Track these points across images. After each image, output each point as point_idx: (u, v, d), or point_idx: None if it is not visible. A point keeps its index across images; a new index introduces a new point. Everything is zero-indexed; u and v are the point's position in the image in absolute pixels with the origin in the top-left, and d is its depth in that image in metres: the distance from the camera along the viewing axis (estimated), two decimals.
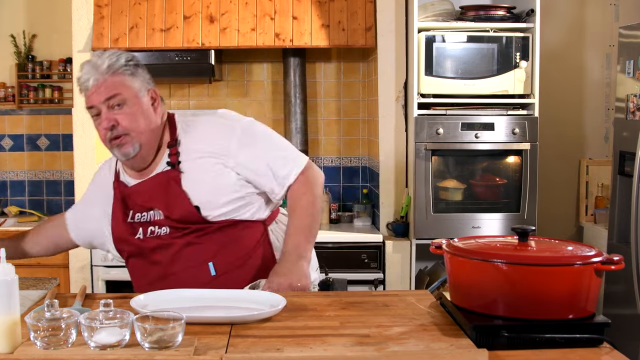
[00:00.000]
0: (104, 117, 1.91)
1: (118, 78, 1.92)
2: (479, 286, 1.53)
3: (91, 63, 1.93)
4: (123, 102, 1.91)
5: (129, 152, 1.93)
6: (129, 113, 1.92)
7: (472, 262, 1.54)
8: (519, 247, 1.58)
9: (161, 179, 1.97)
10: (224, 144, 1.98)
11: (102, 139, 1.95)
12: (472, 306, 1.55)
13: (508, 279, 1.49)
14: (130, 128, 1.92)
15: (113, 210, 2.03)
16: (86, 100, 1.94)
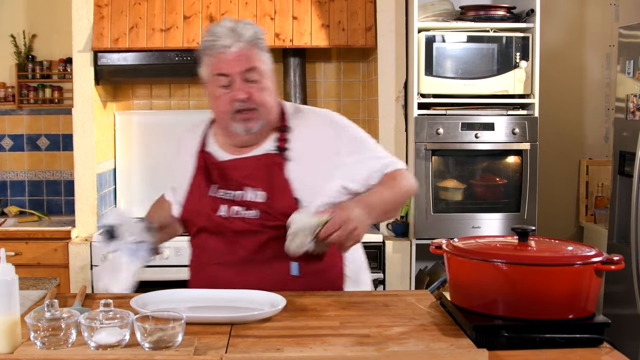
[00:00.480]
0: (238, 88, 1.84)
1: (256, 51, 1.86)
2: (479, 286, 1.53)
3: (229, 28, 1.86)
4: (260, 76, 1.86)
5: (252, 127, 1.88)
6: (262, 88, 1.86)
7: (472, 262, 1.54)
8: (519, 247, 1.58)
9: (265, 160, 1.91)
10: (333, 146, 1.93)
11: (224, 109, 1.88)
12: (472, 306, 1.55)
13: (508, 279, 1.49)
14: (261, 103, 1.86)
15: (193, 181, 1.96)
16: (217, 66, 1.87)
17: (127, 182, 4.03)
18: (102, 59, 3.58)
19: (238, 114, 1.86)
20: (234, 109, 1.86)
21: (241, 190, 1.91)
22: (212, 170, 1.95)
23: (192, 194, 1.97)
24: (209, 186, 1.94)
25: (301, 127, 1.96)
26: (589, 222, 4.06)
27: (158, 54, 3.59)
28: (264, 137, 1.94)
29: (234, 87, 1.85)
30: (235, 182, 1.91)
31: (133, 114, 4.05)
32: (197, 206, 1.94)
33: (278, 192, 1.88)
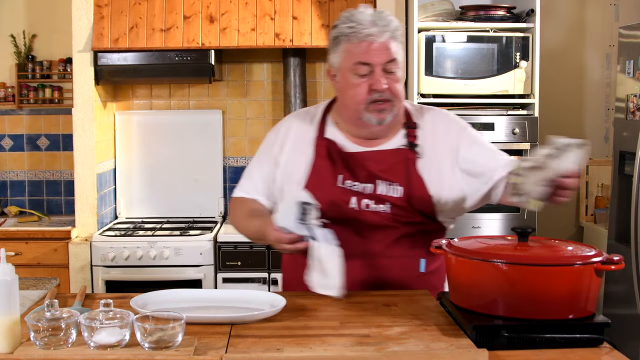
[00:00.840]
0: (378, 78, 1.82)
1: (396, 43, 1.86)
2: (479, 286, 1.53)
3: (371, 16, 1.84)
4: (397, 68, 1.86)
5: (385, 118, 1.87)
6: (397, 80, 1.86)
7: (472, 262, 1.54)
8: (518, 247, 1.58)
9: (400, 155, 1.91)
10: (455, 141, 1.94)
11: (359, 98, 1.85)
12: (472, 306, 1.55)
13: (508, 279, 1.49)
14: (396, 96, 1.86)
15: (316, 169, 1.92)
16: (359, 54, 1.83)
17: (127, 182, 4.03)
18: (102, 59, 3.58)
19: (373, 104, 1.85)
20: (370, 99, 1.85)
21: (371, 183, 1.89)
22: (336, 160, 1.92)
23: (319, 183, 1.90)
24: (336, 176, 1.91)
25: (427, 125, 1.96)
26: (589, 222, 4.06)
27: (158, 54, 3.59)
28: (391, 131, 1.94)
29: (374, 76, 1.83)
30: (366, 174, 1.89)
31: (133, 114, 4.05)
32: (329, 196, 1.88)
33: (414, 187, 1.88)
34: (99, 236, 3.50)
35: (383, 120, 1.86)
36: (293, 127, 2.02)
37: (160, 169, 4.03)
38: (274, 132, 2.05)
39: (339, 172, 1.91)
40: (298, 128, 2.00)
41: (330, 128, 1.97)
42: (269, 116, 4.11)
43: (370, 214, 1.88)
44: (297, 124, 2.02)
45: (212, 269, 3.47)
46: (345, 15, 1.88)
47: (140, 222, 3.87)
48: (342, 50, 1.86)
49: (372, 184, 1.89)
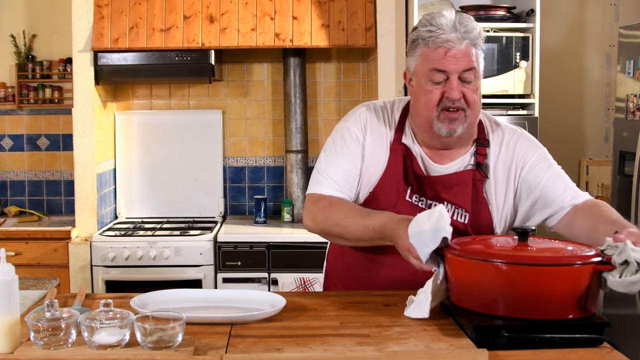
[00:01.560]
0: (453, 86, 1.74)
1: (476, 50, 1.77)
2: (479, 286, 1.53)
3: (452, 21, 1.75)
4: (474, 77, 1.77)
5: (457, 129, 1.77)
6: (474, 90, 1.77)
7: (472, 262, 1.54)
8: (518, 247, 1.58)
9: (468, 177, 1.83)
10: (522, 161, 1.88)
11: (432, 105, 1.76)
12: (472, 306, 1.55)
13: (508, 279, 1.49)
14: (472, 104, 1.77)
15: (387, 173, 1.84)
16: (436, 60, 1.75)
17: (127, 182, 4.03)
18: (102, 59, 3.58)
19: (444, 112, 1.77)
20: (442, 107, 1.76)
21: (437, 201, 1.82)
22: (409, 170, 1.85)
23: (387, 189, 1.84)
24: (405, 188, 1.84)
25: (497, 143, 1.88)
26: None
27: (158, 54, 3.59)
28: (464, 143, 1.85)
29: (449, 84, 1.75)
30: (432, 192, 1.83)
31: (133, 114, 4.05)
32: (394, 208, 1.81)
33: (481, 214, 1.82)
34: (99, 236, 3.50)
35: (454, 131, 1.78)
36: (372, 120, 1.90)
37: (160, 169, 4.03)
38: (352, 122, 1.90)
39: (409, 184, 1.84)
40: (377, 123, 1.90)
41: (407, 132, 1.89)
42: (269, 116, 4.11)
43: None
44: (374, 118, 1.90)
45: (212, 269, 3.47)
46: (426, 18, 1.79)
47: (140, 222, 3.87)
48: (419, 54, 1.79)
49: (439, 202, 1.82)
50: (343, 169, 1.87)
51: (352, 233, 1.78)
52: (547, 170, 1.91)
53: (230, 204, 4.13)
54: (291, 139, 3.92)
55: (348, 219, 1.78)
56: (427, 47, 1.76)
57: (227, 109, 4.09)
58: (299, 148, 3.94)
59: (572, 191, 1.88)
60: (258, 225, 3.80)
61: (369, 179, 1.87)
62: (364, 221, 1.75)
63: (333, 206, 1.83)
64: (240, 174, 4.13)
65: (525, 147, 1.92)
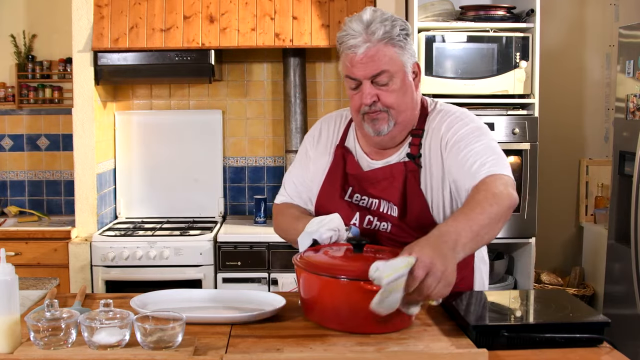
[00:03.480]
0: (366, 92, 1.74)
1: (389, 50, 1.72)
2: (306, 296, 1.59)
3: (363, 23, 1.74)
4: (390, 79, 1.74)
5: (382, 129, 1.77)
6: (393, 90, 1.75)
7: (300, 271, 1.58)
8: (341, 258, 1.60)
9: (399, 169, 1.80)
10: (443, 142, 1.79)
11: (355, 109, 1.79)
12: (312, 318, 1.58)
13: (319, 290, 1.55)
14: (391, 106, 1.75)
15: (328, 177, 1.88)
16: (347, 68, 1.75)
17: (127, 182, 4.03)
18: (102, 59, 3.58)
19: (367, 115, 1.78)
20: (362, 111, 1.78)
21: (377, 199, 1.82)
22: (349, 172, 1.87)
23: (327, 192, 1.87)
24: (346, 188, 1.85)
25: (429, 129, 1.83)
26: (589, 222, 4.06)
27: (158, 54, 3.59)
28: (402, 139, 1.83)
29: (362, 89, 1.75)
30: (372, 190, 1.83)
31: (133, 114, 4.05)
32: (330, 208, 1.83)
33: (413, 205, 1.78)
34: (99, 236, 3.50)
35: (379, 131, 1.78)
36: (324, 129, 1.97)
37: (160, 169, 4.03)
38: (309, 134, 2.01)
39: (350, 184, 1.85)
40: (327, 130, 1.96)
41: (351, 136, 1.92)
42: (269, 116, 4.11)
43: (371, 231, 1.81)
44: (326, 126, 1.97)
45: (212, 269, 3.47)
46: (346, 19, 1.80)
47: (140, 222, 3.87)
48: (341, 58, 1.80)
49: (378, 200, 1.82)
50: (294, 179, 1.99)
51: (293, 238, 1.85)
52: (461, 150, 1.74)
53: (230, 204, 4.13)
54: (291, 139, 3.92)
55: (288, 225, 1.91)
56: (342, 52, 1.78)
57: (227, 109, 4.09)
58: (299, 148, 3.93)
59: (474, 172, 1.69)
60: (258, 225, 3.80)
61: (317, 185, 1.92)
62: (295, 226, 1.84)
63: (281, 215, 1.97)
64: (240, 174, 4.13)
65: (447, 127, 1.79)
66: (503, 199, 1.59)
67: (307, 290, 1.57)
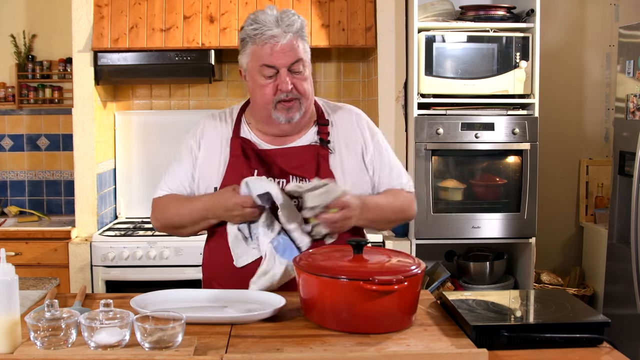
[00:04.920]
0: (283, 79, 1.87)
1: (300, 41, 1.91)
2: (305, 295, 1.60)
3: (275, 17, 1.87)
4: (303, 67, 1.91)
5: (294, 116, 1.92)
6: (304, 79, 1.92)
7: (301, 273, 1.59)
8: (342, 258, 1.61)
9: (311, 151, 1.96)
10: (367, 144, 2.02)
11: (267, 99, 1.90)
12: (311, 318, 1.59)
13: (318, 289, 1.55)
14: (303, 94, 1.91)
15: (230, 168, 1.95)
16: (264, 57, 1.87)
17: (127, 182, 4.03)
18: (102, 59, 3.58)
19: (280, 103, 1.90)
20: (277, 99, 1.90)
21: (284, 178, 1.93)
22: (251, 157, 1.96)
23: (233, 177, 1.94)
24: (251, 172, 1.93)
25: (339, 121, 2.04)
26: (589, 222, 4.06)
27: (158, 54, 3.59)
28: (302, 128, 1.99)
29: (279, 78, 1.88)
30: (279, 170, 1.93)
31: (133, 114, 4.05)
32: None
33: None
34: (99, 236, 3.50)
35: (291, 118, 1.92)
36: (208, 127, 2.05)
37: (161, 169, 3.99)
38: (191, 134, 2.07)
39: (254, 168, 1.94)
40: (213, 128, 2.04)
41: (244, 127, 2.01)
42: None
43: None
44: (211, 124, 2.05)
45: None
46: (250, 16, 1.92)
47: (140, 222, 3.87)
48: (249, 52, 1.91)
49: (286, 179, 1.93)
50: (176, 175, 2.05)
51: (185, 219, 1.97)
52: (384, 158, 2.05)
53: None
54: None
55: (180, 208, 1.98)
56: (255, 44, 1.88)
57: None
58: None
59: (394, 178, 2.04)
60: None
61: (210, 179, 1.98)
62: (190, 205, 1.95)
63: (166, 202, 2.04)
64: None
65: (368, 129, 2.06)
66: (405, 214, 2.04)
67: (307, 291, 1.57)
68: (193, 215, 1.95)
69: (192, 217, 1.96)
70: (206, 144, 2.02)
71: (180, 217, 1.99)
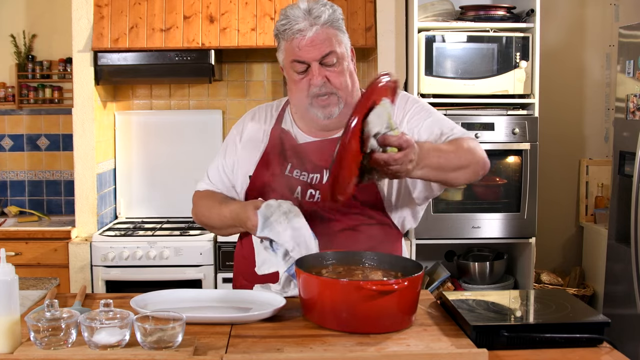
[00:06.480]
0: (316, 73, 1.79)
1: (333, 32, 1.81)
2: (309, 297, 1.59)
3: (304, 9, 1.79)
4: (337, 60, 1.81)
5: (333, 112, 1.83)
6: (340, 71, 1.82)
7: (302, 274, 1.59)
8: None
9: None
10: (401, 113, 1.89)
11: (302, 95, 1.84)
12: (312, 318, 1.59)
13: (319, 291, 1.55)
14: (340, 87, 1.82)
15: (264, 157, 1.91)
16: (293, 52, 1.80)
17: (127, 182, 4.03)
18: (102, 59, 3.58)
19: (316, 99, 1.82)
20: (311, 94, 1.82)
21: (318, 173, 1.86)
22: (287, 149, 1.90)
23: (266, 170, 1.90)
24: (285, 165, 1.88)
25: None
26: (589, 222, 4.06)
27: (158, 54, 3.59)
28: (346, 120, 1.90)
29: (311, 72, 1.81)
30: (311, 164, 1.87)
31: (133, 114, 4.05)
32: (272, 183, 1.87)
33: None
34: (99, 236, 3.50)
35: (330, 114, 1.84)
36: (253, 118, 2.03)
37: (160, 169, 4.03)
38: (236, 125, 2.07)
39: (289, 161, 1.89)
40: (258, 119, 2.02)
41: (287, 119, 1.97)
42: None
43: (311, 204, 1.84)
44: (257, 115, 2.03)
45: (212, 269, 3.47)
46: (282, 11, 1.85)
47: (140, 222, 3.87)
48: (282, 48, 1.85)
49: (319, 174, 1.86)
50: (219, 167, 2.03)
51: (215, 223, 1.95)
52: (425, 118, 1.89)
53: None
54: None
55: (211, 210, 1.96)
56: (285, 40, 1.82)
57: (227, 109, 4.09)
58: None
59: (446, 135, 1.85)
60: None
61: (245, 166, 1.94)
62: (220, 210, 1.91)
63: (202, 199, 2.01)
64: None
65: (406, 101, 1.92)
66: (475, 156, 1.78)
67: (307, 291, 1.57)
68: (222, 220, 1.91)
69: (222, 222, 1.92)
70: (248, 133, 1.99)
71: (210, 220, 1.97)
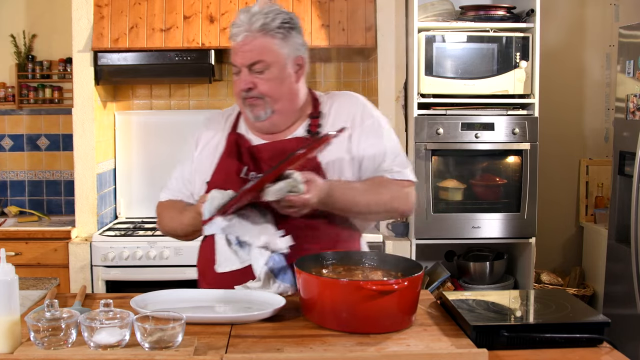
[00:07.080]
0: (242, 79, 1.86)
1: (267, 40, 1.84)
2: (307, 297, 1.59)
3: (248, 14, 1.85)
4: (266, 68, 1.85)
5: (259, 115, 1.89)
6: (269, 79, 1.86)
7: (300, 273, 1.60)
8: None
9: (298, 143, 1.86)
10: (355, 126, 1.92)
11: (235, 94, 1.91)
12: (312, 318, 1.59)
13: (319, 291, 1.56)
14: (267, 94, 1.87)
15: (221, 163, 1.95)
16: (231, 53, 1.89)
17: (127, 182, 4.03)
18: (102, 59, 3.58)
19: (245, 100, 1.89)
20: (242, 96, 1.89)
21: None
22: (243, 152, 1.94)
23: (221, 173, 1.94)
24: (241, 167, 1.92)
25: (335, 111, 1.96)
26: (589, 222, 4.06)
27: (158, 54, 3.59)
28: (290, 124, 1.94)
29: (240, 76, 1.88)
30: (266, 166, 1.91)
31: (133, 114, 4.05)
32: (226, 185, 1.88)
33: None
34: (99, 236, 3.50)
35: (258, 116, 1.89)
36: (208, 126, 2.07)
37: (160, 169, 4.02)
38: (192, 134, 2.10)
39: (245, 164, 1.92)
40: (214, 125, 2.05)
41: (241, 124, 2.01)
42: None
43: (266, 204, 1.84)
44: (213, 122, 2.07)
45: None
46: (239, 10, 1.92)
47: (140, 222, 3.87)
48: None
49: None
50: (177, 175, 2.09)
51: (179, 232, 2.02)
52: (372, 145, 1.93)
53: None
54: None
55: (173, 220, 2.01)
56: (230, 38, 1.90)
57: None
58: None
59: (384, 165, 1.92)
60: None
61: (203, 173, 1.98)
62: (181, 219, 1.97)
63: (164, 210, 2.07)
64: None
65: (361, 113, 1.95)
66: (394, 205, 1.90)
67: (307, 291, 1.57)
68: (184, 228, 1.98)
69: (184, 230, 1.99)
70: (205, 139, 2.03)
71: (175, 230, 2.03)
